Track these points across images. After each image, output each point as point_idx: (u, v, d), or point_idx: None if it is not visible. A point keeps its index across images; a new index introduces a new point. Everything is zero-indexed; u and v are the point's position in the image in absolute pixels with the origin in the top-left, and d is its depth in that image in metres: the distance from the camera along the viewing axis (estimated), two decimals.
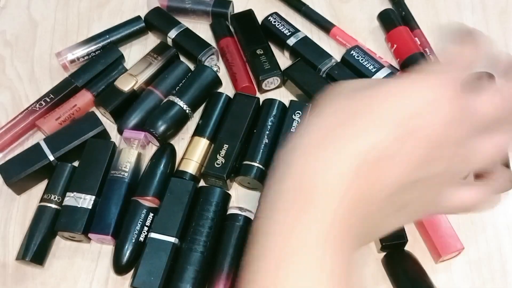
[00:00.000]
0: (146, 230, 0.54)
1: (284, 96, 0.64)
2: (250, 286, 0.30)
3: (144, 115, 0.60)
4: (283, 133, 0.58)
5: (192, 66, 0.65)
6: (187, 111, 0.61)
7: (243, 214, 0.54)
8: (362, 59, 0.62)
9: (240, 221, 0.53)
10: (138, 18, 0.69)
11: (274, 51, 0.65)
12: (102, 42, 0.67)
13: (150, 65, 0.64)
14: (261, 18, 0.68)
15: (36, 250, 0.54)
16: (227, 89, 0.65)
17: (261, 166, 0.56)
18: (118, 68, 0.65)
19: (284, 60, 0.66)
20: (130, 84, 0.62)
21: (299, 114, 0.59)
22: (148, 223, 0.54)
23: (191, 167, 0.58)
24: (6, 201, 0.60)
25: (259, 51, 0.64)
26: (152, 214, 0.55)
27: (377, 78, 0.61)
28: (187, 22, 0.68)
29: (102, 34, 0.67)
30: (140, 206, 0.55)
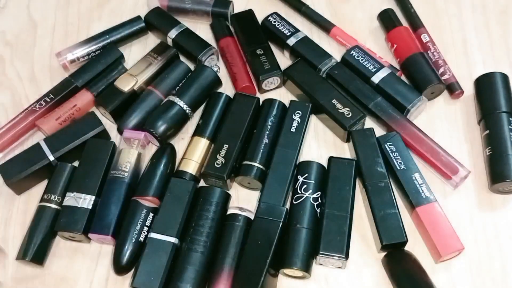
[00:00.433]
0: (146, 230, 0.54)
1: (284, 96, 0.64)
2: None
3: (144, 115, 0.60)
4: (283, 133, 0.58)
5: (192, 66, 0.65)
6: (187, 111, 0.61)
7: (243, 214, 0.54)
8: (362, 59, 0.62)
9: (240, 221, 0.53)
10: (138, 18, 0.69)
11: (274, 51, 0.65)
12: (102, 42, 0.67)
13: (150, 65, 0.64)
14: (261, 18, 0.68)
15: (36, 250, 0.54)
16: (227, 89, 0.65)
17: (261, 166, 0.56)
18: (118, 68, 0.65)
19: (284, 60, 0.66)
20: (130, 84, 0.62)
21: (299, 114, 0.59)
22: (148, 223, 0.54)
23: (191, 167, 0.58)
24: (6, 201, 0.60)
25: (259, 51, 0.64)
26: (152, 214, 0.55)
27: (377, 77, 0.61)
28: (187, 22, 0.69)
29: (102, 34, 0.68)
30: (140, 206, 0.55)
